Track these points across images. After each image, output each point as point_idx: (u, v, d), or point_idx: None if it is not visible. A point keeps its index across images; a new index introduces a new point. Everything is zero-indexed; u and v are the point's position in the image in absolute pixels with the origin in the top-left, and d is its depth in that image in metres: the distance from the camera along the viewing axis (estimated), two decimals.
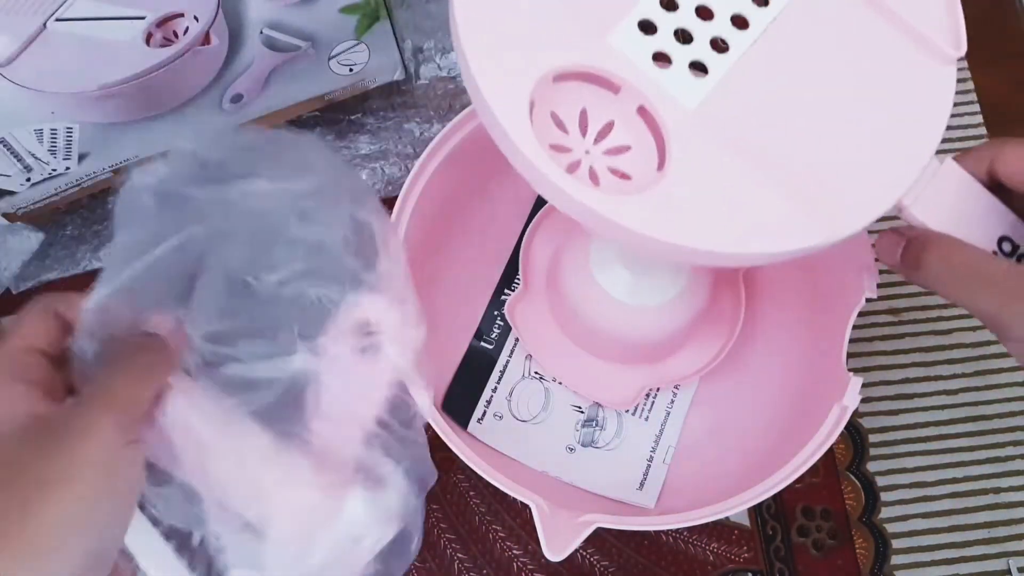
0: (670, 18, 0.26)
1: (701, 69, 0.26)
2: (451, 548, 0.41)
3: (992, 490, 0.43)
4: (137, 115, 0.38)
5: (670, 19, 0.26)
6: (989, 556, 0.42)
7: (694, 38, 0.26)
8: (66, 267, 0.45)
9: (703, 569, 0.41)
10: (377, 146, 0.46)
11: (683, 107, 0.26)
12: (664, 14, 0.26)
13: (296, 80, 0.41)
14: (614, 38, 0.26)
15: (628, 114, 0.27)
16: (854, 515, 0.42)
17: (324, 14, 0.38)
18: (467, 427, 0.41)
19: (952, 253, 0.27)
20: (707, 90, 0.26)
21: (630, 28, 0.26)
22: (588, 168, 0.26)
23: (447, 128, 0.36)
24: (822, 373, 0.37)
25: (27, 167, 0.38)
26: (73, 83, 0.35)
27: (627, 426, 0.41)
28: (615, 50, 0.26)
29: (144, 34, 0.35)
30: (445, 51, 0.47)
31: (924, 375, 0.44)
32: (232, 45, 0.37)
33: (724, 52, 0.26)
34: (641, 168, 0.26)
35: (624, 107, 0.26)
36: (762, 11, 0.27)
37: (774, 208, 0.25)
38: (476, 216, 0.43)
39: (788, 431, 0.37)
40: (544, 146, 0.24)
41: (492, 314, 0.43)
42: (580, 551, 0.41)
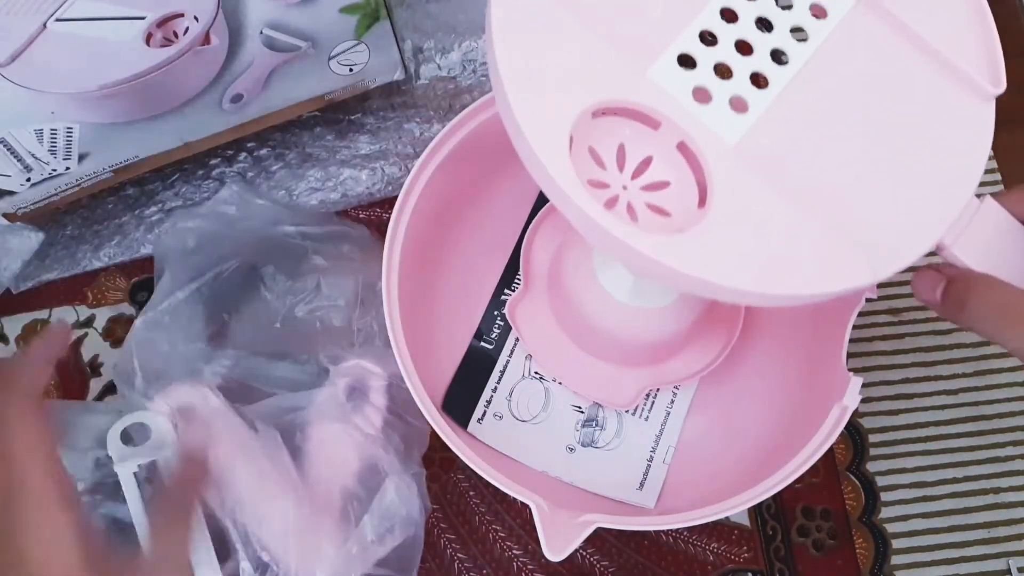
0: (710, 53, 0.26)
1: (741, 105, 0.26)
2: (451, 548, 0.41)
3: (992, 490, 0.43)
4: (137, 115, 0.38)
5: (710, 54, 0.26)
6: (989, 556, 0.42)
7: (734, 73, 0.26)
8: (66, 267, 0.45)
9: (703, 569, 0.41)
10: (377, 146, 0.46)
11: (724, 143, 0.25)
12: (704, 49, 0.26)
13: (296, 80, 0.41)
14: (654, 73, 0.26)
15: (667, 150, 0.26)
16: (854, 515, 0.42)
17: (324, 14, 0.38)
18: (467, 427, 0.41)
19: (999, 295, 0.26)
20: (747, 126, 0.26)
21: (669, 63, 0.26)
22: (626, 204, 0.26)
23: (447, 128, 0.36)
24: (822, 373, 0.37)
25: (27, 167, 0.38)
26: (73, 83, 0.35)
27: (627, 426, 0.41)
28: (655, 85, 0.25)
29: (144, 34, 0.35)
30: (445, 51, 0.47)
31: (924, 375, 0.44)
32: (232, 45, 0.37)
33: (764, 88, 0.26)
34: (681, 205, 0.26)
35: (663, 143, 0.26)
36: (801, 46, 0.27)
37: (819, 249, 0.25)
38: (476, 216, 0.43)
39: (788, 431, 0.37)
40: (583, 183, 0.24)
41: (492, 314, 0.43)
42: (580, 551, 0.41)
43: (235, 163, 0.46)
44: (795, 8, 0.27)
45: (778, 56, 0.27)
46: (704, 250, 0.24)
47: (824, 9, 0.27)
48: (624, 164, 0.26)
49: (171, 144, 0.42)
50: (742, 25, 0.27)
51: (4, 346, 0.44)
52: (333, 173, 0.46)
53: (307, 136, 0.46)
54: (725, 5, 0.27)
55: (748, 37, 0.26)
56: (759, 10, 0.27)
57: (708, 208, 0.25)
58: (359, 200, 0.46)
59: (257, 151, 0.46)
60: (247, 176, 0.46)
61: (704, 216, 0.24)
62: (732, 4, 0.27)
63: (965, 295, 0.27)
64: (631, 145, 0.26)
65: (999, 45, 0.28)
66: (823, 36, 0.27)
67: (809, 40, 0.27)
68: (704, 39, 0.26)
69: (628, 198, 0.26)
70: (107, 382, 0.43)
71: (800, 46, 0.27)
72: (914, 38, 0.27)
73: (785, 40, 0.27)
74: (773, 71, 0.26)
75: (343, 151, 0.46)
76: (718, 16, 0.26)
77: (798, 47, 0.27)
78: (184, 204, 0.45)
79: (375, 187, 0.46)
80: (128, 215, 0.45)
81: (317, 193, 0.45)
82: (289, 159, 0.46)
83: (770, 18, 0.27)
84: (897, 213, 0.26)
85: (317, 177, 0.46)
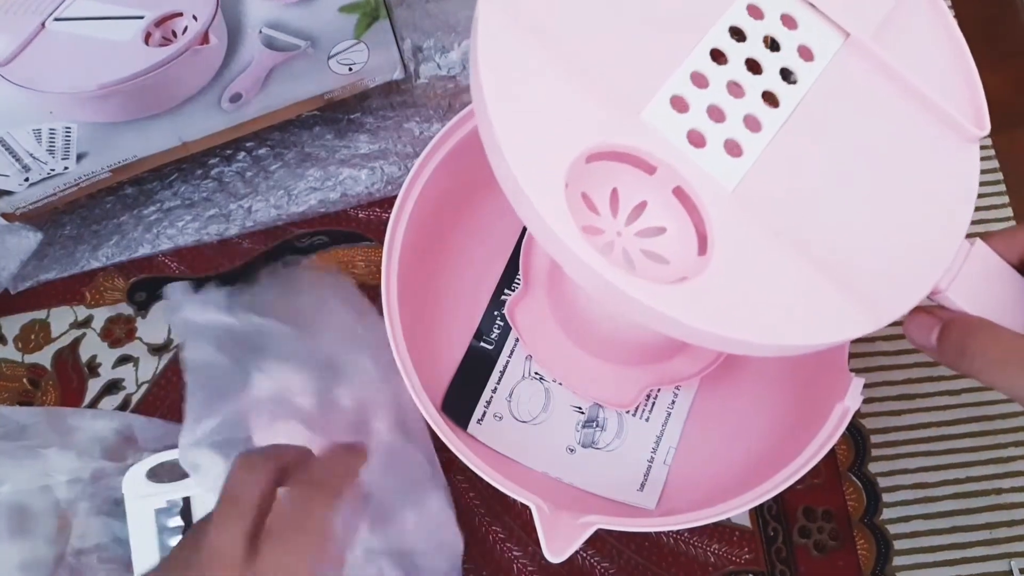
0: (702, 95, 0.26)
1: (736, 149, 0.25)
2: None
3: (994, 491, 0.42)
4: (136, 114, 0.38)
5: (702, 96, 0.26)
6: (991, 557, 0.41)
7: (727, 116, 0.26)
8: (64, 267, 0.44)
9: (704, 570, 0.41)
10: (376, 145, 0.46)
11: (722, 188, 0.25)
12: (696, 91, 0.26)
13: (295, 79, 0.41)
14: (647, 116, 0.25)
15: (663, 195, 0.26)
16: (856, 516, 0.42)
17: (323, 13, 0.38)
18: (467, 428, 0.40)
19: (1002, 341, 0.26)
20: (743, 171, 0.25)
21: (662, 105, 0.25)
22: (622, 250, 0.25)
23: (447, 127, 0.36)
24: (824, 374, 0.37)
25: (25, 167, 0.38)
26: (72, 83, 0.35)
27: (628, 427, 0.41)
28: (649, 128, 0.25)
29: (143, 33, 0.35)
30: (445, 50, 0.47)
31: (926, 375, 0.44)
32: (231, 44, 0.37)
33: (758, 131, 0.26)
34: (679, 252, 0.25)
35: (659, 188, 0.26)
36: (792, 88, 0.26)
37: (822, 300, 0.24)
38: (476, 215, 0.43)
39: (789, 431, 0.37)
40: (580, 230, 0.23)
41: (492, 314, 0.43)
42: (580, 552, 0.41)
43: (234, 163, 0.46)
44: (783, 50, 0.27)
45: (770, 98, 0.26)
46: (710, 301, 0.23)
47: (811, 51, 0.27)
48: (618, 210, 0.26)
49: (169, 144, 0.41)
50: (732, 67, 0.26)
51: (3, 346, 0.44)
52: (332, 172, 0.46)
53: (306, 135, 0.46)
54: (715, 46, 0.26)
55: (739, 79, 0.26)
56: (748, 51, 0.26)
57: (710, 257, 0.24)
58: (358, 200, 0.46)
59: (256, 150, 0.46)
60: (246, 176, 0.46)
61: (707, 265, 0.24)
62: (721, 45, 0.26)
63: (965, 340, 0.26)
64: (625, 190, 0.26)
65: (981, 88, 0.28)
66: (812, 78, 0.26)
67: (799, 82, 0.26)
68: (695, 81, 0.26)
69: (623, 244, 0.25)
70: (105, 382, 0.43)
71: (790, 88, 0.26)
72: (899, 80, 0.27)
73: (775, 82, 0.26)
74: (766, 113, 0.26)
75: (342, 150, 0.46)
76: (708, 57, 0.26)
77: (788, 89, 0.26)
78: (182, 204, 0.45)
79: (374, 187, 0.45)
80: (126, 215, 0.45)
81: (316, 193, 0.45)
82: (288, 159, 0.46)
83: (759, 60, 0.26)
84: (894, 259, 0.26)
85: (316, 177, 0.45)
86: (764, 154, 0.25)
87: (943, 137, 0.27)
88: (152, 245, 0.45)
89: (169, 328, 0.44)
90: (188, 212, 0.45)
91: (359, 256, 0.46)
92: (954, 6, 0.52)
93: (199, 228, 0.45)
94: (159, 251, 0.45)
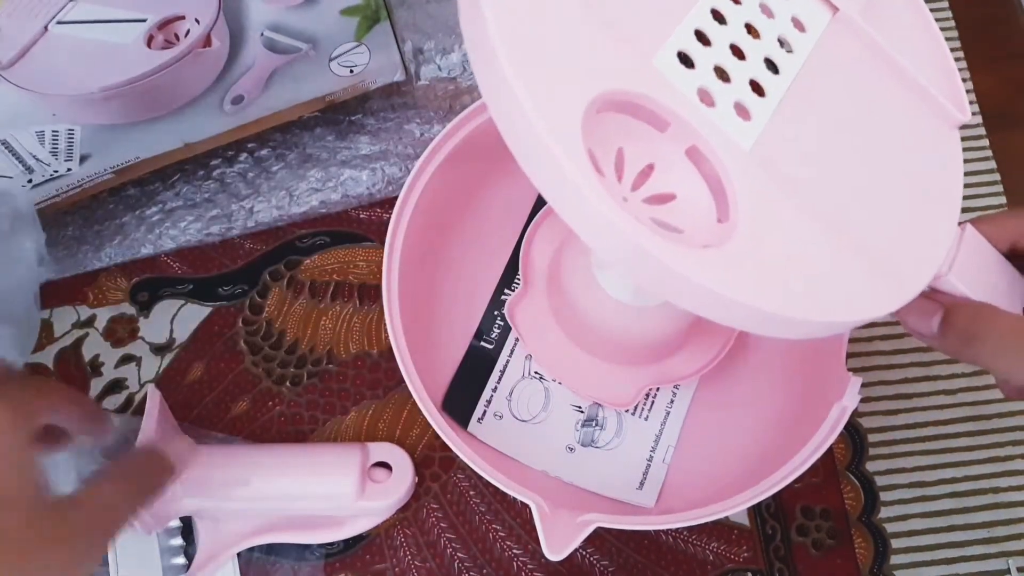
0: (707, 53, 0.24)
1: (744, 112, 0.24)
2: (451, 548, 0.41)
3: (991, 490, 0.43)
4: (138, 117, 0.38)
5: (707, 54, 0.24)
6: (988, 556, 0.42)
7: (732, 78, 0.24)
8: (67, 267, 0.45)
9: (703, 569, 0.41)
10: (377, 147, 0.46)
11: (740, 148, 0.23)
12: (701, 48, 0.24)
13: (297, 81, 0.41)
14: (659, 64, 0.23)
15: (673, 156, 0.24)
16: (853, 515, 0.42)
17: (325, 16, 0.38)
18: (467, 427, 0.41)
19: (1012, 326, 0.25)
20: (755, 134, 0.24)
21: (672, 59, 0.23)
22: None
23: (447, 128, 0.37)
24: (822, 373, 0.37)
25: (29, 169, 0.38)
26: (75, 85, 0.35)
27: (627, 426, 0.41)
28: (662, 78, 0.23)
29: (145, 36, 0.35)
30: (445, 52, 0.47)
31: (923, 375, 0.44)
32: (233, 47, 0.37)
33: (763, 96, 0.25)
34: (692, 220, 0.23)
35: (670, 147, 0.24)
36: (790, 57, 0.26)
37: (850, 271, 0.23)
38: (476, 216, 0.43)
39: (787, 430, 0.37)
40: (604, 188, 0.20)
41: (492, 314, 0.43)
42: (580, 550, 0.41)
43: (235, 163, 0.46)
44: (777, 18, 0.26)
45: (770, 64, 0.26)
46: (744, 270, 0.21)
47: (802, 24, 0.27)
48: (623, 174, 0.24)
49: (172, 145, 0.42)
50: (732, 29, 0.26)
51: None
52: (333, 173, 0.46)
53: (307, 137, 0.47)
54: (714, 6, 0.26)
55: (740, 42, 0.25)
56: (746, 16, 0.26)
57: (735, 222, 0.22)
58: (359, 200, 0.46)
59: (258, 152, 0.46)
60: (247, 176, 0.46)
61: (732, 231, 0.22)
62: (719, 6, 0.26)
63: (972, 326, 0.25)
64: (632, 150, 0.23)
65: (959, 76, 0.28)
66: (806, 49, 0.26)
67: (795, 52, 0.26)
68: (700, 38, 0.25)
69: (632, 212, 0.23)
70: (107, 382, 0.44)
71: (788, 57, 0.26)
72: (887, 59, 0.27)
73: (774, 49, 0.26)
74: (769, 79, 0.25)
75: (343, 152, 0.46)
76: (709, 16, 0.25)
77: (787, 58, 0.26)
78: (184, 204, 0.45)
79: (375, 187, 0.46)
80: (129, 215, 0.45)
81: (318, 194, 0.45)
82: (290, 159, 0.46)
83: (756, 25, 0.26)
84: (897, 237, 0.25)
85: (317, 177, 0.46)
86: (772, 120, 0.24)
87: (930, 120, 0.27)
88: (154, 245, 0.45)
89: (171, 328, 0.44)
90: (190, 213, 0.45)
91: (360, 256, 0.46)
92: (953, 7, 0.52)
93: (201, 229, 0.45)
94: (161, 251, 0.45)
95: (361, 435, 0.42)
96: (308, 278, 0.45)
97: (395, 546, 0.41)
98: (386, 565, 0.41)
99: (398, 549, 0.41)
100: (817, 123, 0.26)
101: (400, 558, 0.41)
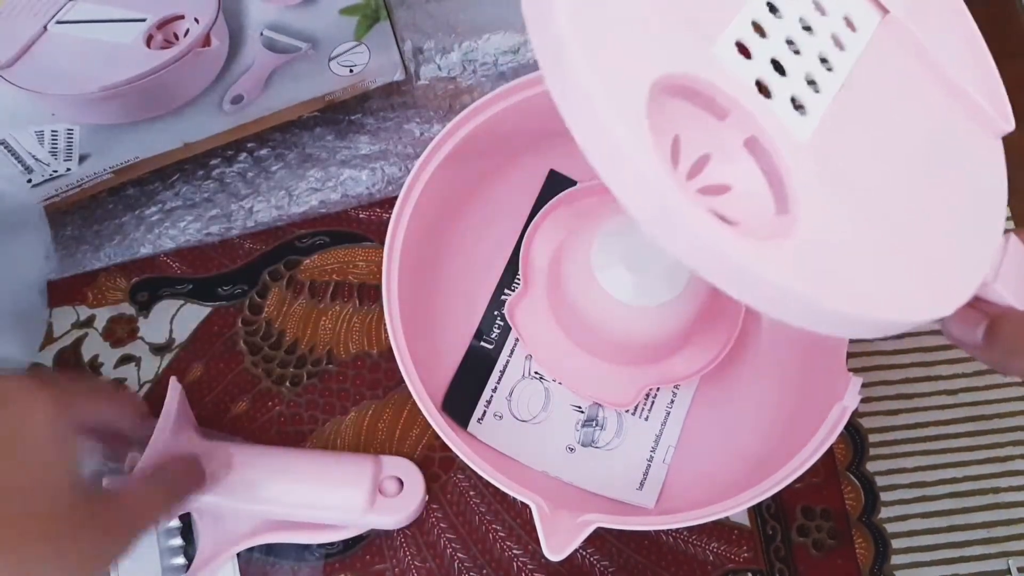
0: (764, 44, 0.24)
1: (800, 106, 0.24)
2: (451, 548, 0.41)
3: (991, 490, 0.43)
4: (138, 117, 0.38)
5: (764, 46, 0.24)
6: (988, 556, 0.42)
7: (788, 72, 0.24)
8: (66, 267, 0.45)
9: (703, 569, 0.41)
10: (377, 146, 0.46)
11: (798, 141, 0.23)
12: (758, 39, 0.24)
13: (296, 81, 0.41)
14: (719, 52, 0.23)
15: (731, 147, 0.23)
16: (854, 515, 0.42)
17: (324, 15, 0.38)
18: (467, 427, 0.41)
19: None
20: (812, 128, 0.24)
21: (730, 47, 0.23)
22: None
23: (447, 128, 0.37)
24: (822, 373, 0.37)
25: (28, 168, 0.38)
26: (74, 85, 0.35)
27: (627, 426, 0.41)
28: (722, 65, 0.23)
29: (144, 36, 0.35)
30: (445, 51, 0.47)
31: (924, 375, 0.44)
32: (232, 47, 0.37)
33: (818, 93, 0.25)
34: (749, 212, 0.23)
35: (727, 137, 0.23)
36: (843, 55, 0.26)
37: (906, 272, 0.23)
38: (476, 216, 0.43)
39: (788, 431, 0.37)
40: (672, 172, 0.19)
41: (492, 314, 0.43)
42: (580, 551, 0.41)
43: (235, 163, 0.46)
44: (829, 15, 0.26)
45: (824, 61, 0.26)
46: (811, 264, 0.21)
47: (853, 23, 0.27)
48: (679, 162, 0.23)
49: (171, 145, 0.42)
50: (787, 22, 0.25)
51: None
52: (333, 173, 0.46)
53: (307, 136, 0.47)
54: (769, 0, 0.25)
55: (794, 36, 0.25)
56: (800, 10, 0.26)
57: (796, 216, 0.22)
58: (359, 200, 0.46)
59: (257, 151, 0.46)
60: (247, 176, 0.46)
61: (793, 224, 0.22)
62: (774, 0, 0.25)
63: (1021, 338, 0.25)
64: (687, 139, 0.23)
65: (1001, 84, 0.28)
66: (858, 49, 0.26)
67: (847, 50, 0.26)
68: (756, 29, 0.25)
69: None
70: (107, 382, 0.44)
71: (841, 55, 0.26)
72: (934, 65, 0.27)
73: (828, 46, 0.26)
74: (823, 76, 0.25)
75: (343, 151, 0.46)
76: (765, 7, 0.25)
77: (840, 55, 0.26)
78: (184, 204, 0.45)
79: (375, 187, 0.46)
80: (128, 215, 0.45)
81: (317, 193, 0.45)
82: (289, 159, 0.46)
83: (810, 21, 0.26)
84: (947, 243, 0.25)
85: (317, 177, 0.46)
86: (827, 115, 0.24)
87: (974, 128, 0.27)
88: (154, 245, 0.45)
89: (171, 328, 0.44)
90: (190, 212, 0.45)
91: (360, 256, 0.46)
92: None
93: (200, 228, 0.45)
94: (161, 251, 0.45)
95: (361, 435, 0.42)
96: (308, 278, 0.45)
97: (395, 546, 0.41)
98: (386, 565, 0.41)
99: (398, 549, 0.41)
100: (867, 123, 0.26)
101: (400, 558, 0.41)
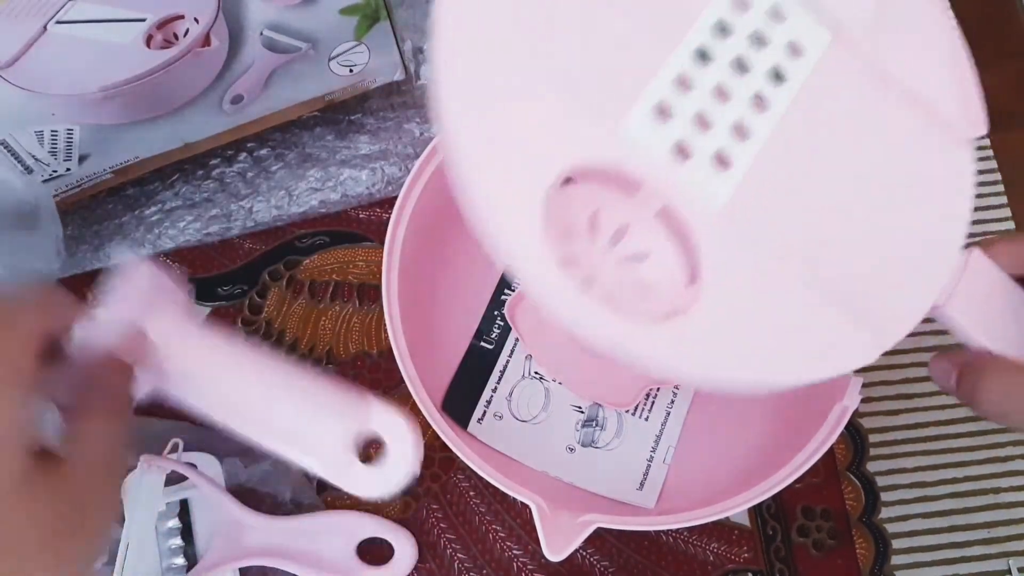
0: (687, 101, 0.24)
1: (724, 161, 0.24)
2: (451, 548, 0.41)
3: (992, 490, 0.43)
4: (138, 117, 0.38)
5: (687, 102, 0.24)
6: (989, 556, 0.42)
7: (713, 125, 0.24)
8: (66, 267, 0.45)
9: (703, 569, 0.41)
10: (377, 146, 0.46)
11: (710, 207, 0.23)
12: (680, 96, 0.24)
13: (296, 81, 0.41)
14: (628, 128, 0.23)
15: (645, 217, 0.24)
16: (854, 515, 0.42)
17: (324, 15, 0.38)
18: (467, 427, 0.41)
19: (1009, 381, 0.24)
20: (733, 184, 0.23)
21: (644, 115, 0.23)
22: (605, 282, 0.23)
23: None
24: None
25: (28, 169, 0.38)
26: (73, 85, 0.35)
27: (627, 426, 0.41)
28: (630, 142, 0.23)
29: (144, 36, 0.35)
30: None
31: (924, 375, 0.44)
32: (232, 46, 0.37)
33: (746, 140, 0.24)
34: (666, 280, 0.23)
35: (642, 209, 0.23)
36: (780, 89, 0.25)
37: (823, 326, 0.23)
38: None
39: (788, 431, 0.37)
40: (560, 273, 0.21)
41: (492, 314, 0.43)
42: (580, 551, 0.41)
43: (235, 163, 0.46)
44: (770, 46, 0.25)
45: (758, 101, 0.25)
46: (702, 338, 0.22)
47: (800, 48, 0.25)
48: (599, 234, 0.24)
49: (171, 145, 0.42)
50: (718, 66, 0.24)
51: None
52: (333, 173, 0.46)
53: (307, 136, 0.47)
54: (699, 44, 0.24)
55: (725, 81, 0.24)
56: (734, 49, 0.25)
57: (701, 286, 0.22)
58: (359, 200, 0.46)
59: (257, 151, 0.46)
60: (247, 176, 0.46)
61: (697, 296, 0.22)
62: (705, 43, 0.24)
63: (977, 383, 0.25)
64: (607, 212, 0.23)
65: (976, 87, 0.27)
66: (801, 78, 0.25)
67: (788, 81, 0.25)
68: (679, 85, 0.24)
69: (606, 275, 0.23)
70: None
71: (779, 89, 0.25)
72: (890, 79, 0.26)
73: (763, 83, 0.25)
74: (754, 120, 0.24)
75: (343, 151, 0.46)
76: (692, 57, 0.24)
77: (777, 91, 0.25)
78: (184, 204, 0.45)
79: (375, 187, 0.46)
80: (128, 215, 0.45)
81: (317, 193, 0.45)
82: (289, 159, 0.46)
83: (746, 59, 0.25)
84: (892, 274, 0.24)
85: (317, 177, 0.46)
86: (754, 166, 0.24)
87: (936, 139, 0.26)
88: (153, 245, 0.45)
89: None
90: (189, 212, 0.45)
91: (359, 256, 0.46)
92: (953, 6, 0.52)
93: (200, 228, 0.45)
94: (160, 251, 0.45)
95: None
96: (307, 278, 0.45)
97: None
98: None
99: None
100: (808, 157, 0.25)
101: None
